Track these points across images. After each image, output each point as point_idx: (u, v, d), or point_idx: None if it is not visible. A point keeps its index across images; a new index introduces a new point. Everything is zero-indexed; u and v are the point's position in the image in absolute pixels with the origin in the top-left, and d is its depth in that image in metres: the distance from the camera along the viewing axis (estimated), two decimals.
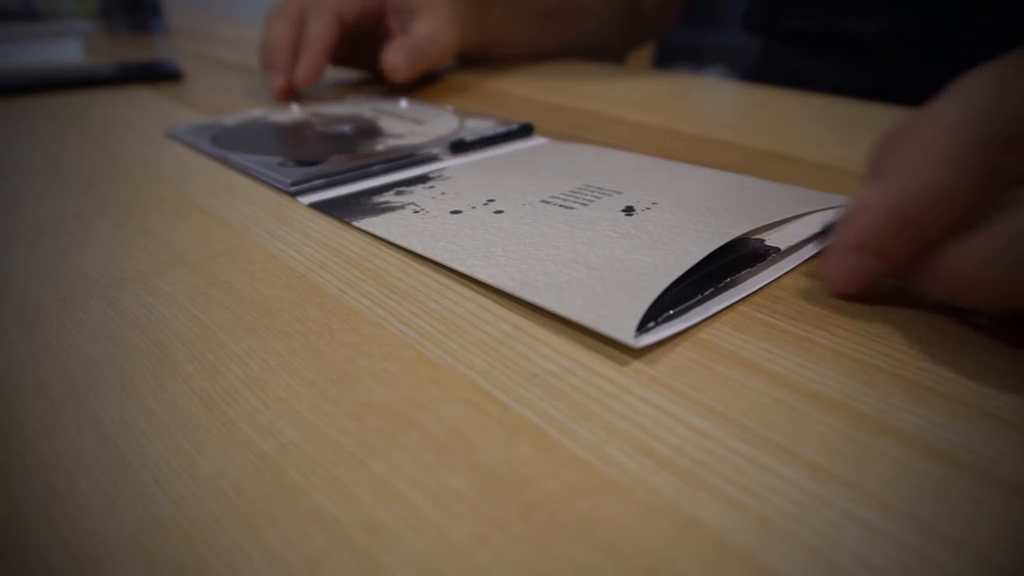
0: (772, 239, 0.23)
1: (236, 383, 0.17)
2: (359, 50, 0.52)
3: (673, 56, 1.72)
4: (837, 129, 0.38)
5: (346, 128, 0.39)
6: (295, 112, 0.44)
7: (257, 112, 0.44)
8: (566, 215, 0.25)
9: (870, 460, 0.14)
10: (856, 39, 0.53)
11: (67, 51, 0.69)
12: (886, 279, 0.20)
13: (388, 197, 0.29)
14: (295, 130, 0.40)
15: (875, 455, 0.14)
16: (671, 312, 0.19)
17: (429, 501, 0.13)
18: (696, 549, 0.12)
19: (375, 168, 0.32)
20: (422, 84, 0.52)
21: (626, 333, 0.17)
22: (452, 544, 0.12)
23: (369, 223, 0.26)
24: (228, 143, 0.37)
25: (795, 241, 0.23)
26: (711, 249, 0.21)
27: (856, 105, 0.43)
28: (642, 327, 0.18)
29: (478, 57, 0.58)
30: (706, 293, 0.20)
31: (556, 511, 0.13)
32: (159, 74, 0.56)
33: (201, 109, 0.47)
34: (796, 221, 0.24)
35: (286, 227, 0.27)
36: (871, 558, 0.12)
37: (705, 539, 0.12)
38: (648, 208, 0.25)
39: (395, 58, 0.46)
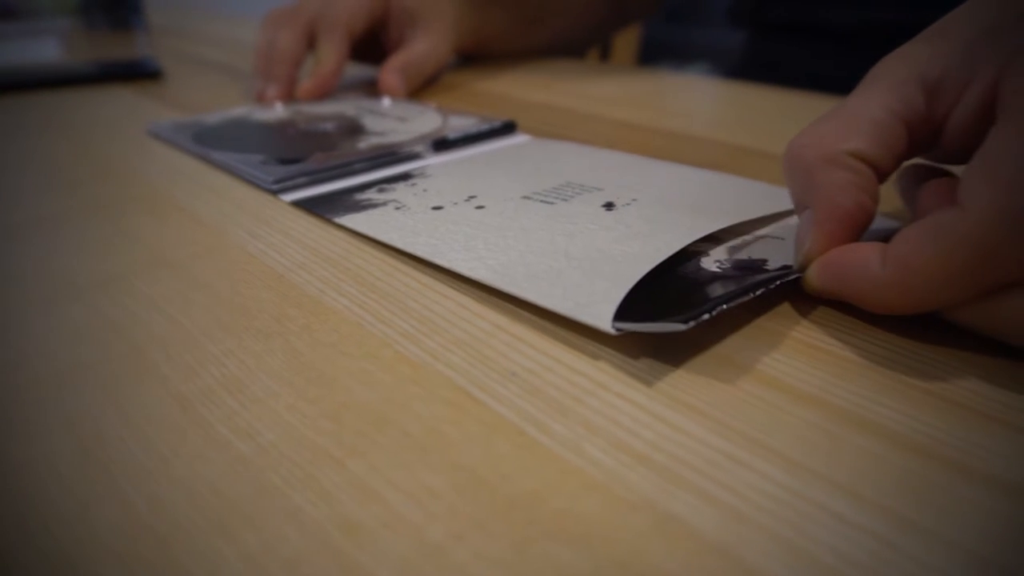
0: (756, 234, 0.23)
1: (213, 384, 0.17)
2: (358, 47, 0.52)
3: (657, 53, 1.72)
4: None
5: (329, 126, 0.39)
6: (278, 110, 0.43)
7: (240, 110, 0.44)
8: (547, 210, 0.25)
9: (844, 453, 0.14)
10: (838, 31, 0.53)
11: (45, 49, 0.69)
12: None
13: (370, 195, 0.29)
14: (278, 128, 0.39)
15: (849, 448, 0.14)
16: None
17: (407, 500, 0.13)
18: (672, 544, 0.12)
19: (357, 166, 0.32)
20: None
21: (603, 320, 0.18)
22: (430, 543, 0.12)
23: (350, 220, 0.26)
24: (210, 141, 0.36)
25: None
26: (690, 240, 0.21)
27: (831, 100, 0.43)
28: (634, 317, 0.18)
29: (467, 56, 0.58)
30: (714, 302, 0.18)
31: (533, 508, 0.13)
32: (139, 72, 0.56)
33: (182, 108, 0.47)
34: (776, 222, 0.24)
35: (267, 226, 0.26)
36: (845, 549, 0.12)
37: (681, 534, 0.13)
38: (628, 204, 0.25)
39: (393, 79, 0.46)
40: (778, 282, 0.19)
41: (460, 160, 0.33)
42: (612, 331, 0.17)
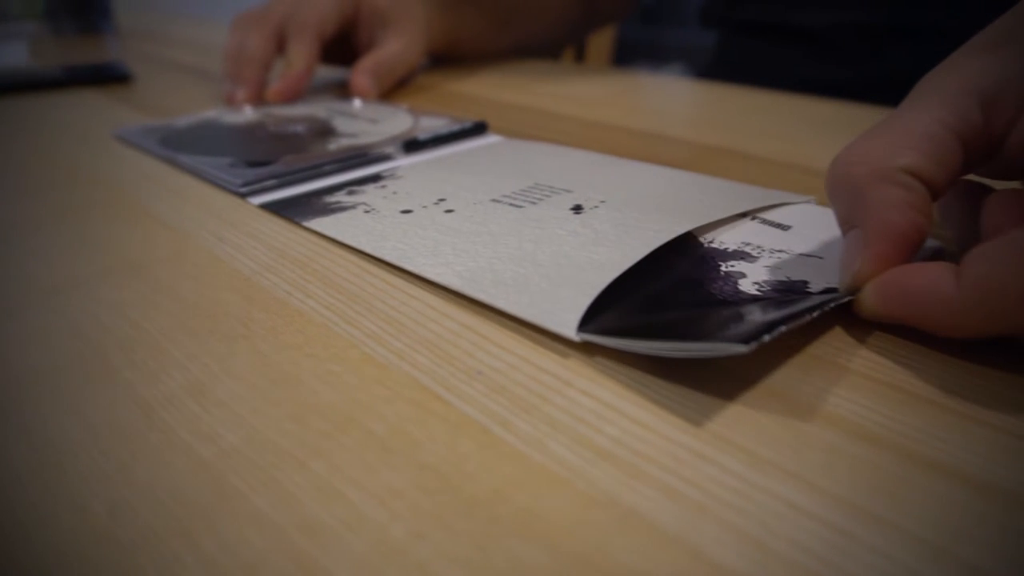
0: (721, 238, 0.23)
1: (176, 389, 0.17)
2: (329, 48, 0.52)
3: (632, 54, 1.74)
4: (786, 125, 0.39)
5: (299, 128, 0.39)
6: (248, 113, 0.43)
7: (210, 113, 0.43)
8: (515, 214, 0.25)
9: (806, 446, 0.14)
10: (809, 32, 0.54)
11: (11, 54, 0.68)
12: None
13: (339, 197, 0.28)
14: (248, 131, 0.39)
15: (810, 441, 0.15)
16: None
17: (369, 500, 0.13)
18: (633, 538, 0.12)
19: (327, 168, 0.32)
20: None
21: (568, 328, 0.18)
22: (391, 542, 0.12)
23: (319, 223, 0.26)
24: (178, 145, 0.36)
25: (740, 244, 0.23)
26: (655, 246, 0.21)
27: (804, 100, 0.43)
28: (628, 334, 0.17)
29: (440, 57, 0.58)
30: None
31: (496, 506, 0.13)
32: (107, 76, 0.55)
33: (151, 111, 0.46)
34: (743, 222, 0.24)
35: (234, 229, 0.26)
36: (804, 541, 0.12)
37: (642, 528, 0.13)
38: (596, 207, 0.25)
39: (364, 81, 0.45)
40: (832, 304, 0.18)
41: (431, 161, 0.33)
42: (576, 338, 0.17)
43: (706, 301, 0.19)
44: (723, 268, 0.21)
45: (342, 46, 0.50)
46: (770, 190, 0.27)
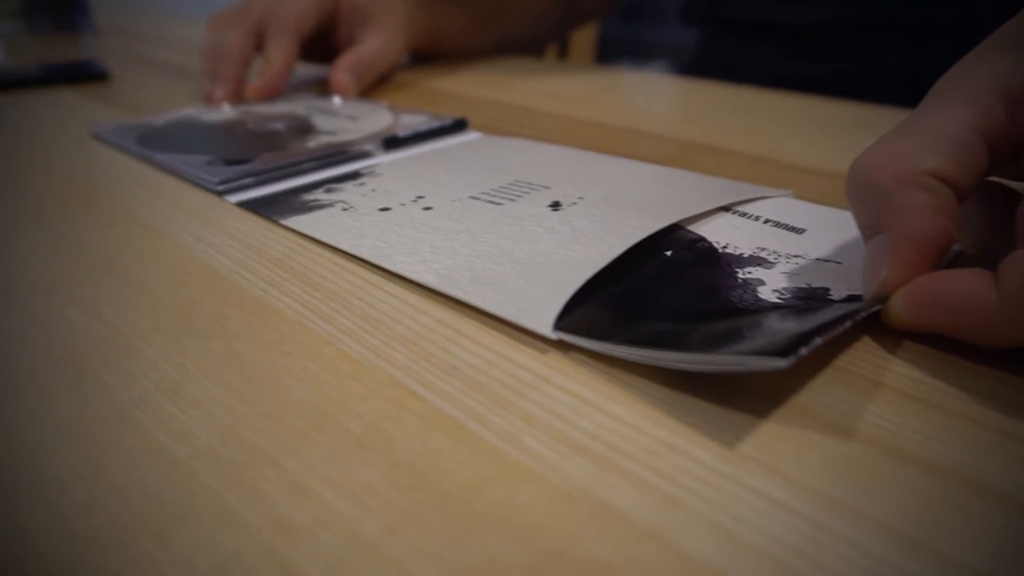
0: (698, 231, 0.23)
1: (151, 389, 0.17)
2: (309, 46, 0.51)
3: (615, 51, 1.74)
4: (765, 121, 0.39)
5: (279, 126, 0.39)
6: (227, 111, 0.43)
7: (188, 112, 0.43)
8: (493, 211, 0.25)
9: (779, 438, 0.15)
10: (789, 29, 0.54)
11: None
12: None
13: (318, 195, 0.28)
14: (226, 129, 0.39)
15: (784, 433, 0.15)
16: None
17: (342, 497, 0.13)
18: (606, 531, 0.13)
19: (306, 165, 0.32)
20: None
21: (544, 326, 0.18)
22: (363, 538, 0.12)
23: (296, 221, 0.26)
24: (155, 143, 0.36)
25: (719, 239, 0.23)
26: (631, 243, 0.21)
27: (783, 96, 0.44)
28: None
29: (421, 54, 0.58)
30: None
31: (470, 501, 0.13)
32: (85, 74, 0.54)
33: (128, 109, 0.46)
34: (720, 215, 0.25)
35: (211, 228, 0.26)
36: (776, 532, 0.12)
37: (615, 521, 0.13)
38: (574, 203, 0.25)
39: (344, 78, 0.45)
40: (863, 314, 0.17)
41: (410, 158, 0.33)
42: (552, 336, 0.18)
43: (725, 310, 0.19)
44: (740, 275, 0.20)
45: (322, 43, 0.50)
46: (747, 184, 0.27)
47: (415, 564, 0.12)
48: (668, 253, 0.22)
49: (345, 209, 0.26)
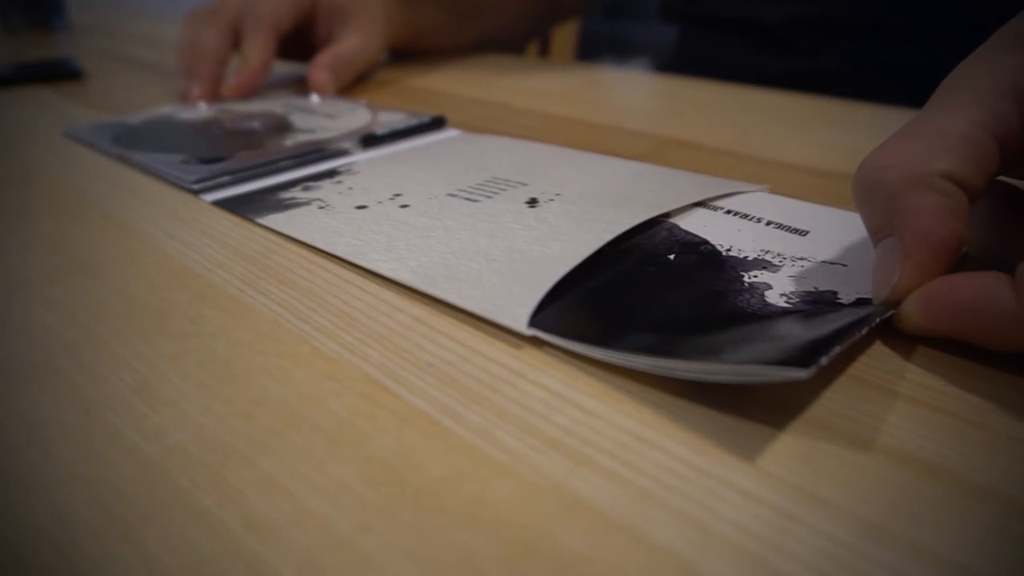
0: (702, 234, 0.23)
1: (124, 389, 0.17)
2: (286, 44, 0.51)
3: (597, 49, 1.74)
4: (741, 116, 0.39)
5: (256, 124, 0.38)
6: (203, 110, 0.42)
7: (164, 110, 0.42)
8: (470, 208, 0.25)
9: (752, 431, 0.15)
10: (765, 26, 0.54)
11: None
12: None
13: (294, 193, 0.28)
14: (203, 128, 0.39)
15: (756, 426, 0.15)
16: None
17: (315, 494, 0.13)
18: (578, 525, 0.13)
19: (283, 164, 0.31)
20: None
21: (519, 322, 0.18)
22: (336, 535, 0.12)
23: (272, 220, 0.26)
24: (130, 142, 0.35)
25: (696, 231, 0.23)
26: (607, 239, 0.21)
27: (760, 92, 0.44)
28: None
29: (401, 52, 0.58)
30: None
31: (443, 496, 0.13)
32: (60, 73, 0.54)
33: (103, 109, 0.45)
34: (695, 210, 0.25)
35: (187, 227, 0.26)
36: (747, 523, 0.13)
37: (587, 515, 0.13)
38: (552, 200, 0.25)
39: (322, 76, 0.45)
40: (878, 319, 0.17)
41: (388, 156, 0.33)
42: (527, 333, 0.18)
43: (733, 315, 0.18)
44: (746, 279, 0.20)
45: (300, 41, 0.50)
46: (724, 179, 0.27)
47: (388, 561, 0.12)
48: (671, 256, 0.21)
49: (322, 207, 0.26)
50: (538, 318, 0.18)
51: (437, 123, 0.37)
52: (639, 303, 0.19)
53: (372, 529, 0.13)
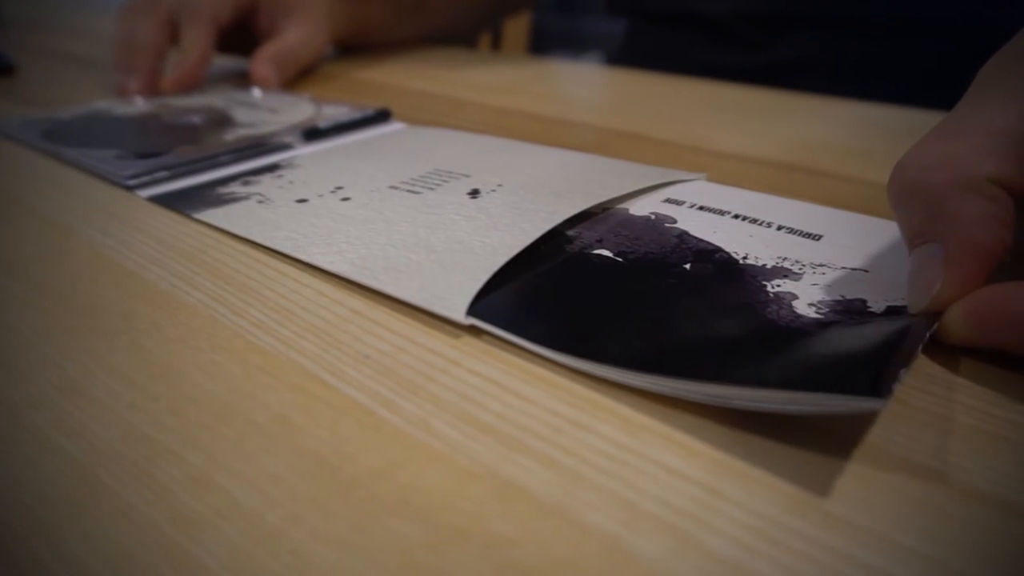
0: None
1: (48, 389, 0.16)
2: (228, 37, 0.50)
3: (550, 42, 1.75)
4: (686, 108, 0.40)
5: (195, 119, 0.37)
6: (141, 104, 0.41)
7: (99, 105, 0.41)
8: (412, 200, 0.25)
9: (677, 409, 0.15)
10: (711, 20, 0.55)
11: None
12: None
13: (234, 188, 0.28)
14: (140, 122, 0.38)
15: (681, 405, 0.15)
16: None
17: (245, 488, 0.13)
18: (509, 508, 0.13)
19: (223, 159, 0.31)
20: None
21: (457, 312, 0.18)
22: (265, 528, 0.12)
23: (209, 215, 0.25)
24: (63, 138, 0.34)
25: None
26: (546, 229, 0.22)
27: (704, 85, 0.45)
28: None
29: (347, 45, 0.57)
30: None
31: (375, 486, 0.13)
32: None
33: (35, 104, 0.43)
34: (634, 200, 0.25)
35: (121, 224, 0.25)
36: (672, 500, 0.13)
37: (519, 498, 0.13)
38: (493, 190, 0.25)
39: (264, 70, 0.44)
40: (928, 332, 0.16)
41: (331, 150, 0.32)
42: (464, 321, 0.18)
43: (766, 330, 0.17)
44: (770, 289, 0.19)
45: (242, 35, 0.49)
46: (664, 168, 0.28)
47: (316, 549, 0.12)
48: (687, 266, 0.20)
49: (261, 202, 0.26)
50: (477, 307, 0.18)
51: (382, 116, 0.37)
52: (661, 318, 0.18)
53: (302, 520, 0.12)
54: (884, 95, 0.40)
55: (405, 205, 0.24)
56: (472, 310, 0.18)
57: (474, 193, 0.25)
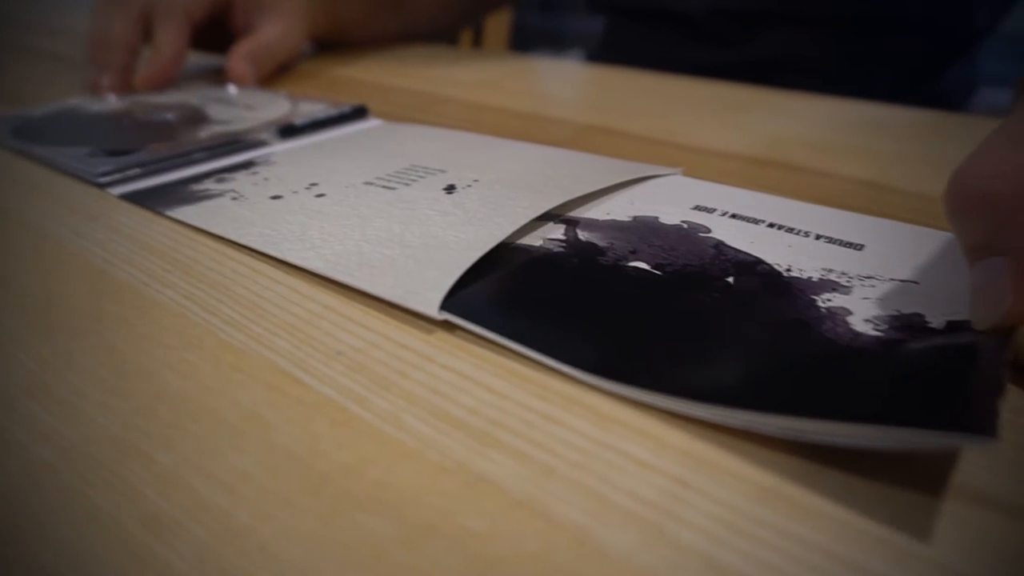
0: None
1: (13, 390, 0.16)
2: (203, 35, 0.49)
3: (531, 40, 1.75)
4: (662, 104, 0.40)
5: (169, 116, 0.37)
6: (114, 101, 0.41)
7: (71, 102, 0.41)
8: (387, 196, 0.25)
9: (648, 413, 0.15)
10: (688, 17, 0.56)
11: None
12: None
13: (208, 185, 0.27)
14: (113, 120, 0.37)
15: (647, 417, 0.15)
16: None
17: (214, 487, 0.13)
18: (480, 502, 0.13)
19: (197, 156, 0.30)
20: None
21: (431, 307, 0.18)
22: (234, 526, 0.12)
23: (182, 212, 0.25)
24: (33, 136, 0.34)
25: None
26: (521, 223, 0.22)
27: (682, 81, 0.45)
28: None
29: (325, 42, 0.56)
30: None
31: (345, 482, 0.13)
32: None
33: (4, 101, 0.43)
34: (611, 196, 0.25)
35: (92, 222, 0.25)
36: (642, 492, 0.13)
37: (489, 492, 0.13)
38: (469, 186, 0.25)
39: (240, 67, 0.44)
40: (1007, 353, 0.15)
41: (307, 147, 0.32)
42: (438, 316, 0.18)
43: (827, 350, 0.16)
44: (821, 304, 0.18)
45: (217, 31, 0.48)
46: (639, 163, 0.28)
47: (285, 547, 0.12)
48: (730, 280, 0.19)
49: (235, 199, 0.26)
50: (450, 302, 0.18)
51: (358, 113, 0.36)
52: (713, 338, 0.17)
53: (271, 517, 0.12)
54: (859, 91, 0.41)
55: (380, 201, 0.24)
56: (446, 305, 0.18)
57: (450, 189, 0.25)
